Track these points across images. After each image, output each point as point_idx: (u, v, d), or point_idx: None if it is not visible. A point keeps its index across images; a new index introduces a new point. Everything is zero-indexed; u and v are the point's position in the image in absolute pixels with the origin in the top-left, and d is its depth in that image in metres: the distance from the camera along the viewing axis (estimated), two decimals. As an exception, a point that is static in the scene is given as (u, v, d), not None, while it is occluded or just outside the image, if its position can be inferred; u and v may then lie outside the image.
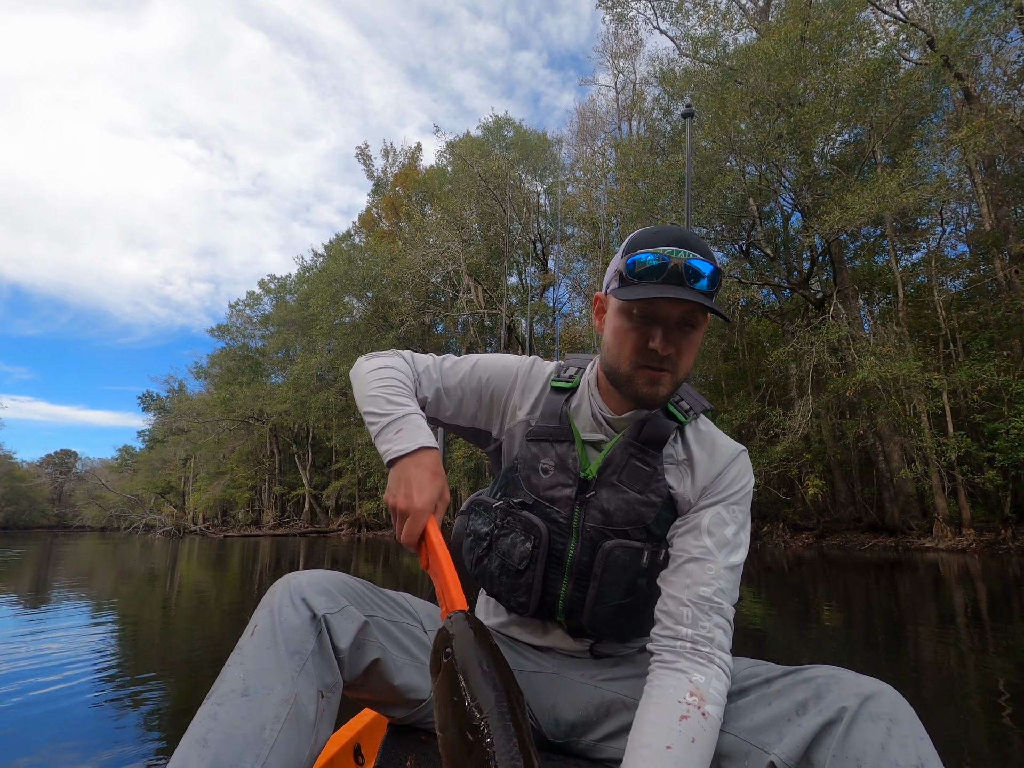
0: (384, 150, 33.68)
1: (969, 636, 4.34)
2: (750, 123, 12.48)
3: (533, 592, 0.92)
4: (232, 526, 36.54)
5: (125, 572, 11.11)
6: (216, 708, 0.64)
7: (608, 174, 18.61)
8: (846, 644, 4.18)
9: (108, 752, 2.35)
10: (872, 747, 0.62)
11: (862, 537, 13.90)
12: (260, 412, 31.19)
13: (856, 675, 0.71)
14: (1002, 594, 6.61)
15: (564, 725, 0.91)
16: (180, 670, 3.61)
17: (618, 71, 23.20)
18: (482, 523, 0.97)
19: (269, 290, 35.85)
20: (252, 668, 0.68)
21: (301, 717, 0.67)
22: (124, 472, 50.56)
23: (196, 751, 0.60)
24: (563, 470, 0.92)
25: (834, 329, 11.48)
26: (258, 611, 0.75)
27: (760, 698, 0.74)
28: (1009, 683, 3.07)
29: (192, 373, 40.13)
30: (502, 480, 0.97)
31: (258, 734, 0.63)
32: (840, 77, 11.21)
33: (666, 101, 14.92)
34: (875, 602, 6.27)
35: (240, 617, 5.63)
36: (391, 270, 22.91)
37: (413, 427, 0.83)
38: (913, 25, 12.13)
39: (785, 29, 11.17)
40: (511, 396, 0.98)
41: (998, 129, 10.47)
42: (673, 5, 15.34)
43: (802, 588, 7.58)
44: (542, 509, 0.91)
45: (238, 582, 9.28)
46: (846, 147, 14.16)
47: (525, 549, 0.91)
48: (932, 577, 8.21)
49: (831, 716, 0.66)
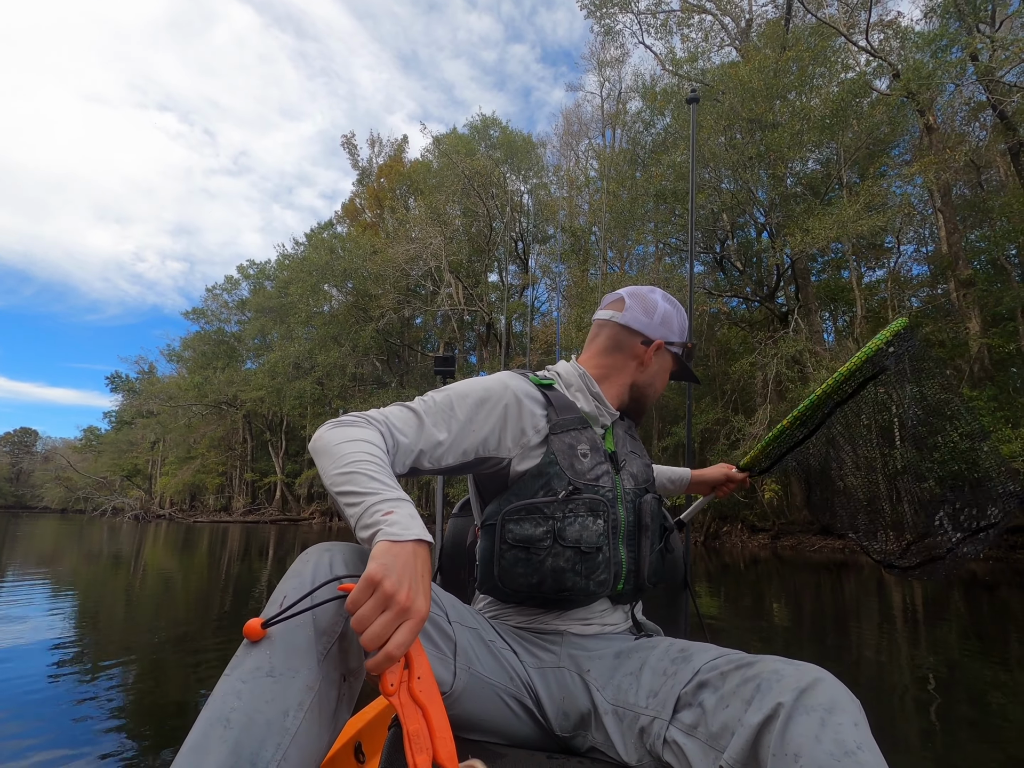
0: (370, 140, 33.59)
1: (905, 632, 4.73)
2: (725, 142, 13.06)
3: (612, 564, 0.98)
4: (201, 511, 36.17)
5: (92, 555, 11.02)
6: (240, 686, 0.61)
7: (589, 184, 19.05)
8: (794, 639, 4.51)
9: (64, 745, 2.27)
10: (807, 740, 0.62)
11: (813, 539, 14.67)
12: (234, 398, 30.87)
13: (797, 666, 0.73)
14: (935, 595, 7.10)
15: (573, 717, 0.91)
16: (143, 657, 3.50)
17: (604, 79, 23.66)
18: (531, 526, 0.94)
19: (248, 275, 35.43)
20: (279, 646, 0.64)
21: (324, 705, 0.65)
22: (88, 453, 49.26)
23: (218, 731, 0.58)
24: (596, 450, 1.02)
25: (792, 343, 12.15)
26: (287, 580, 0.71)
27: (719, 700, 0.75)
28: (937, 675, 3.47)
29: (164, 356, 39.44)
30: (529, 483, 0.97)
31: (281, 721, 0.60)
32: (808, 107, 11.84)
33: (648, 115, 15.43)
34: (822, 600, 6.71)
35: (207, 603, 5.61)
36: (373, 263, 22.98)
37: (406, 514, 0.72)
38: (880, 59, 12.83)
39: (759, 58, 11.74)
40: (521, 412, 0.99)
41: (945, 168, 11.23)
42: (659, 21, 15.84)
43: (756, 586, 8.05)
44: (592, 488, 0.98)
45: (205, 567, 9.37)
46: (814, 171, 14.87)
47: (598, 526, 0.96)
48: (875, 578, 8.69)
49: (769, 713, 0.67)
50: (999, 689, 3.23)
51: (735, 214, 14.85)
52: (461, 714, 0.86)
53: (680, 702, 0.80)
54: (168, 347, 39.22)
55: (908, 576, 1.30)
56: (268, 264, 34.22)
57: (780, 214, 13.09)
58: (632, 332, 1.11)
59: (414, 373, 26.95)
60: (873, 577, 8.84)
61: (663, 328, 1.13)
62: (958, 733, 2.64)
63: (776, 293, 16.15)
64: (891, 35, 14.39)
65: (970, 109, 13.61)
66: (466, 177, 21.13)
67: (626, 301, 1.14)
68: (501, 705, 0.90)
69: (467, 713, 0.87)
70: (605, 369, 1.12)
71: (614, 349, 1.12)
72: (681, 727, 0.77)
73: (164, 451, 39.19)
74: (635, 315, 1.11)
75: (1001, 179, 15.20)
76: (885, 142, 14.68)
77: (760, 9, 16.92)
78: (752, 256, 17.01)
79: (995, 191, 14.61)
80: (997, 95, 11.27)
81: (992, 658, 3.94)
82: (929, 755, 2.39)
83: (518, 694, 0.91)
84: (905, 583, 8.05)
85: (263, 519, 29.55)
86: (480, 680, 0.87)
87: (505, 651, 0.94)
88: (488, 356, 24.43)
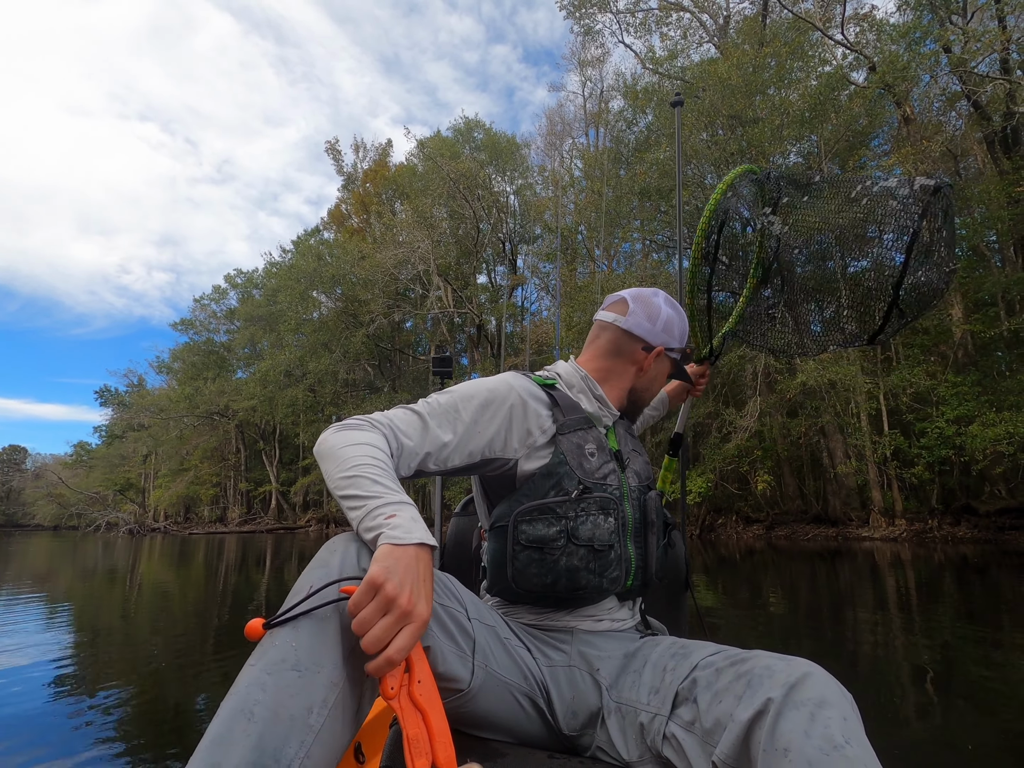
0: (354, 145, 33.53)
1: (899, 617, 4.77)
2: (708, 138, 13.20)
3: (623, 561, 1.00)
4: (196, 523, 35.97)
5: (87, 571, 10.92)
6: (265, 678, 0.60)
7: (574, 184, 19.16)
8: (791, 629, 4.58)
9: (64, 759, 2.25)
10: (796, 734, 0.63)
11: (807, 528, 14.81)
12: (226, 408, 30.73)
13: (788, 661, 0.73)
14: (928, 579, 7.22)
15: (582, 716, 0.91)
16: (141, 671, 3.50)
17: (586, 79, 23.79)
18: (544, 526, 0.94)
19: (235, 284, 35.30)
20: (305, 638, 0.63)
21: (347, 702, 0.64)
22: (79, 468, 48.89)
23: (241, 724, 0.57)
24: (602, 450, 1.04)
25: (780, 335, 12.26)
26: (312, 570, 0.70)
27: (713, 695, 0.75)
28: (932, 659, 3.54)
29: (153, 367, 39.25)
30: (540, 483, 0.97)
31: (305, 717, 0.59)
32: (787, 102, 12.00)
33: (630, 114, 15.55)
34: (817, 588, 6.78)
35: (204, 618, 5.57)
36: (361, 268, 22.98)
37: (408, 518, 0.73)
38: (856, 52, 13.01)
39: (738, 55, 11.88)
40: (527, 413, 1.00)
41: (923, 159, 11.42)
42: (638, 20, 15.96)
43: (753, 576, 8.12)
44: (601, 487, 0.99)
45: (202, 579, 9.29)
46: (796, 164, 15.03)
47: (610, 524, 0.97)
48: (868, 564, 8.83)
49: (759, 708, 0.67)
50: (990, 667, 3.33)
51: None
52: (475, 711, 0.86)
53: (678, 698, 0.80)
54: (157, 359, 39.15)
55: (887, 337, 1.31)
56: (256, 272, 34.15)
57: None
58: (634, 337, 1.12)
59: (406, 377, 26.96)
60: (866, 564, 8.97)
61: (664, 334, 1.14)
62: (953, 708, 2.74)
63: (762, 286, 16.29)
64: (867, 28, 14.61)
65: (946, 99, 13.82)
66: (451, 180, 21.17)
67: (630, 305, 1.13)
68: (514, 704, 0.90)
69: (481, 711, 0.87)
70: (605, 372, 1.13)
71: (615, 353, 1.13)
72: (680, 723, 0.78)
73: (157, 464, 38.96)
74: (638, 320, 1.12)
75: (979, 167, 15.44)
76: (864, 134, 14.87)
77: (738, 6, 17.11)
78: (738, 250, 17.15)
79: (974, 179, 14.85)
80: (971, 85, 11.47)
81: (983, 637, 4.05)
82: (928, 727, 2.48)
83: (531, 693, 0.91)
84: (898, 568, 8.19)
85: (259, 529, 29.43)
86: (496, 678, 0.87)
87: (520, 649, 0.94)
88: (480, 357, 24.47)
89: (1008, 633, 4.23)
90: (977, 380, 11.94)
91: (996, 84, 11.10)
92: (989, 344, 13.03)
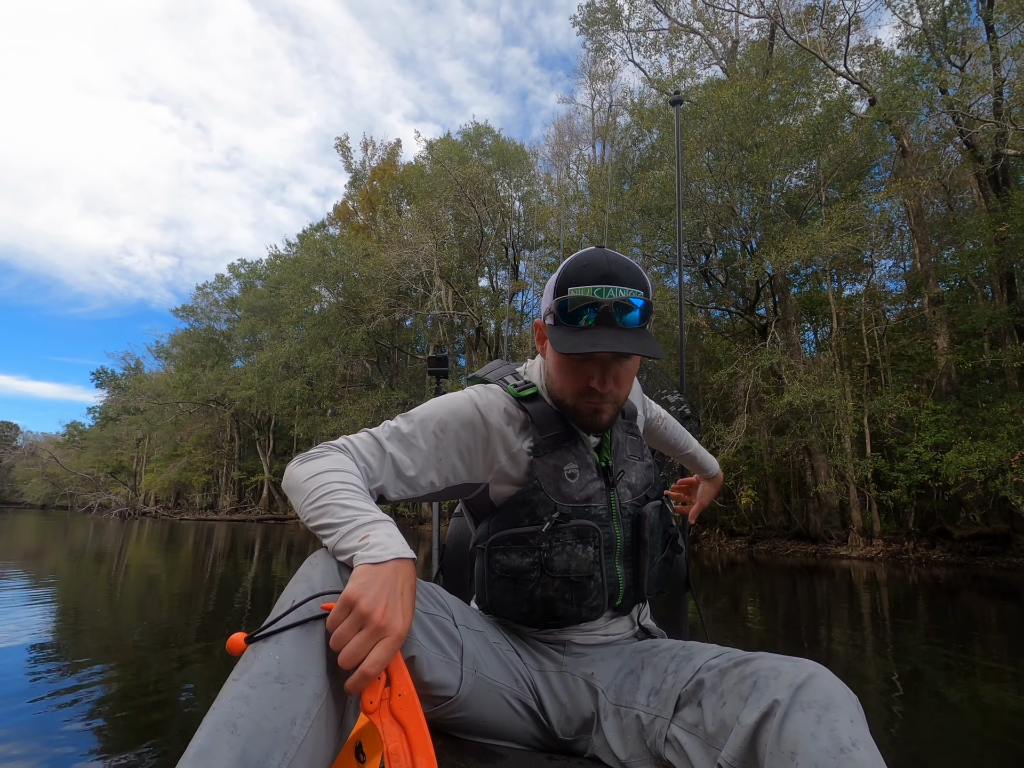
0: (364, 142, 33.85)
1: (873, 633, 4.90)
2: (711, 158, 13.54)
3: (606, 588, 0.93)
4: (187, 509, 36.09)
5: (76, 552, 10.99)
6: (248, 691, 0.60)
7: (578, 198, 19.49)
8: (768, 639, 4.71)
9: (41, 746, 2.22)
10: (803, 737, 0.62)
11: (787, 544, 15.10)
12: (223, 396, 30.83)
13: (795, 663, 0.72)
14: (902, 598, 7.37)
15: (576, 721, 0.90)
16: (124, 656, 3.45)
17: (595, 92, 24.16)
18: (517, 556, 0.91)
19: (239, 274, 35.48)
20: (289, 651, 0.63)
21: (331, 715, 0.64)
22: (71, 448, 48.84)
23: (224, 736, 0.57)
24: (586, 468, 0.95)
25: (768, 356, 12.64)
26: (295, 584, 0.70)
27: (717, 698, 0.74)
28: (901, 674, 3.70)
29: (152, 352, 39.31)
30: (514, 510, 0.93)
31: (288, 729, 0.59)
32: (788, 130, 12.36)
33: (636, 132, 15.89)
34: (796, 602, 6.99)
35: (190, 602, 5.59)
36: (364, 266, 23.22)
37: (383, 534, 0.72)
38: (858, 84, 13.38)
39: (740, 84, 12.24)
40: (490, 436, 0.94)
41: (913, 195, 11.80)
42: (648, 40, 16.33)
43: (734, 588, 8.35)
44: (581, 511, 0.92)
45: (190, 565, 9.38)
46: (796, 187, 15.42)
47: (588, 554, 0.91)
48: (845, 582, 9.04)
49: (765, 710, 0.66)
50: (953, 685, 3.55)
51: (718, 228, 15.36)
52: (468, 717, 0.87)
53: (681, 700, 0.79)
54: (156, 343, 39.14)
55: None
56: (259, 264, 34.31)
57: (760, 232, 13.62)
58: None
59: (404, 375, 27.19)
60: (843, 581, 9.22)
61: (545, 303, 1.04)
62: (925, 719, 2.95)
63: (756, 306, 16.68)
64: (871, 59, 15.01)
65: (943, 134, 14.23)
66: (458, 183, 21.45)
67: None
68: (506, 707, 0.89)
69: (474, 716, 0.87)
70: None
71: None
72: (683, 725, 0.76)
73: (149, 448, 39.04)
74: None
75: (975, 200, 15.83)
76: (863, 163, 15.24)
77: (746, 31, 17.50)
78: (734, 269, 17.55)
79: (968, 211, 15.22)
80: (963, 126, 11.86)
81: (949, 656, 4.27)
82: (906, 739, 2.67)
83: (522, 696, 0.91)
84: (873, 587, 8.41)
85: (249, 518, 29.57)
86: (486, 683, 0.87)
87: (510, 653, 0.94)
88: (478, 359, 24.74)
89: (979, 650, 4.44)
90: (957, 408, 12.29)
91: (987, 125, 11.48)
92: (971, 374, 13.39)
